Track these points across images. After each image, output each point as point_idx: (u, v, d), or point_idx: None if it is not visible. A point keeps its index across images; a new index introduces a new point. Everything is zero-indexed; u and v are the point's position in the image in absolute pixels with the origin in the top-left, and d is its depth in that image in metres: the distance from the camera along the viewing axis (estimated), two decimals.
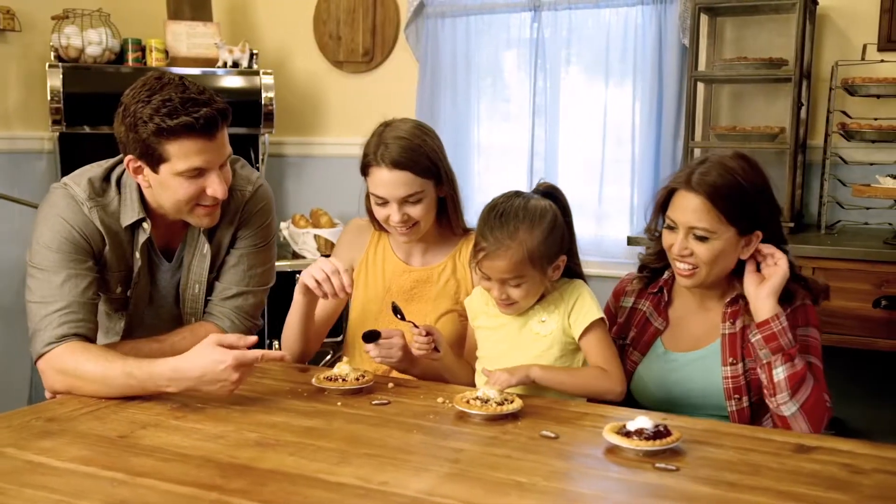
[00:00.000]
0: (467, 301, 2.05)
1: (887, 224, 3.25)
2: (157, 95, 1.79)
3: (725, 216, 1.85)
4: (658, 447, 1.49)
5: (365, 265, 2.23)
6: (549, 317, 1.90)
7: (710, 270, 1.88)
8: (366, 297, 2.20)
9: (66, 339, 1.83)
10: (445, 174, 2.08)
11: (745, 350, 1.91)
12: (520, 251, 1.81)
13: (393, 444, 1.55)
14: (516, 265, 1.81)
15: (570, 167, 3.89)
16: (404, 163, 2.00)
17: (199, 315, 2.09)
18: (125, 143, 1.85)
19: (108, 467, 1.42)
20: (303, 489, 1.35)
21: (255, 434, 1.59)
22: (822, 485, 1.39)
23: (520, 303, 1.87)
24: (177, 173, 1.83)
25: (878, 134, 3.20)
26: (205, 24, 4.10)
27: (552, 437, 1.59)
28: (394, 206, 2.03)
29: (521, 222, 1.82)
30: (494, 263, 1.82)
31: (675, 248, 1.90)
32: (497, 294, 1.86)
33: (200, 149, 1.82)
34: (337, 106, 4.39)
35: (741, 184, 1.87)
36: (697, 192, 1.86)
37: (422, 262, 2.20)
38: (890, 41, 3.32)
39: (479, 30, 4.03)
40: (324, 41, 4.34)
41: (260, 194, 2.11)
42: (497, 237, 1.82)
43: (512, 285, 1.84)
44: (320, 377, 1.88)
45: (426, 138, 2.06)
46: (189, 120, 1.78)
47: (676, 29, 3.58)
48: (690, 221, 1.87)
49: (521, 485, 1.38)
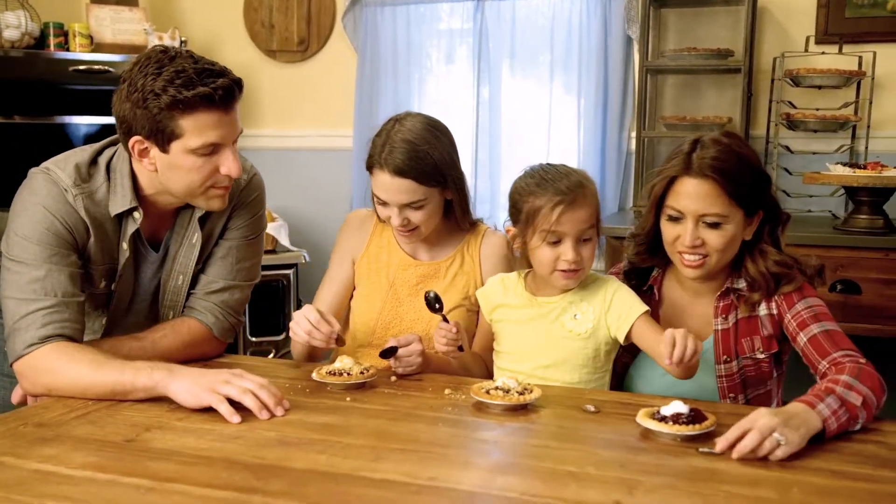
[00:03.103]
0: (481, 293, 1.95)
1: (828, 212, 3.34)
2: (169, 67, 1.65)
3: (735, 198, 1.76)
4: (698, 431, 1.46)
5: (366, 259, 2.12)
6: (582, 314, 1.83)
7: (720, 258, 1.80)
8: (369, 291, 2.09)
9: (51, 339, 1.67)
10: (452, 180, 1.98)
11: (738, 347, 1.85)
12: (594, 200, 1.79)
13: (424, 439, 1.48)
14: (593, 214, 1.79)
15: (515, 159, 3.86)
16: (407, 171, 1.89)
17: (177, 310, 1.95)
18: (131, 122, 1.70)
19: (128, 473, 1.29)
20: (349, 488, 1.26)
21: (273, 433, 1.48)
22: (869, 463, 1.38)
23: (585, 268, 1.80)
24: (190, 150, 1.70)
25: (820, 124, 3.29)
26: (130, 10, 3.91)
27: (594, 411, 1.58)
28: (394, 210, 1.94)
29: (581, 176, 1.80)
30: (576, 213, 1.76)
31: (687, 238, 1.78)
32: (572, 256, 1.76)
33: (216, 122, 1.69)
34: (270, 97, 4.25)
35: (744, 161, 1.78)
36: (704, 176, 1.76)
37: (429, 256, 2.09)
38: (827, 34, 3.42)
39: (419, 19, 3.96)
40: (255, 29, 4.19)
41: (254, 183, 1.99)
42: (570, 187, 1.76)
43: (586, 238, 1.79)
44: (322, 372, 1.78)
45: (435, 142, 1.93)
46: (207, 91, 1.65)
47: (621, 20, 3.59)
48: (700, 209, 1.76)
49: (574, 474, 1.32)
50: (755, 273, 1.82)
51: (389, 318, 2.06)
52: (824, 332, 1.74)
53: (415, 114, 2.00)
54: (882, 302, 2.83)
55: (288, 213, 4.07)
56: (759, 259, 1.82)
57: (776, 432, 1.39)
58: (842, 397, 1.51)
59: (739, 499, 1.25)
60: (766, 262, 1.81)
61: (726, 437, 1.41)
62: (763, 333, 1.84)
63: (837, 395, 1.51)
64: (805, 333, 1.75)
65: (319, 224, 4.17)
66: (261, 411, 1.55)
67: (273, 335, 3.76)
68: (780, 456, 1.39)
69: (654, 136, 3.52)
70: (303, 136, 4.20)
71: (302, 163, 4.20)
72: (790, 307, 1.81)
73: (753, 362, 1.85)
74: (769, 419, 1.40)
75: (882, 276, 2.84)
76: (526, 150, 3.87)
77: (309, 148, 4.20)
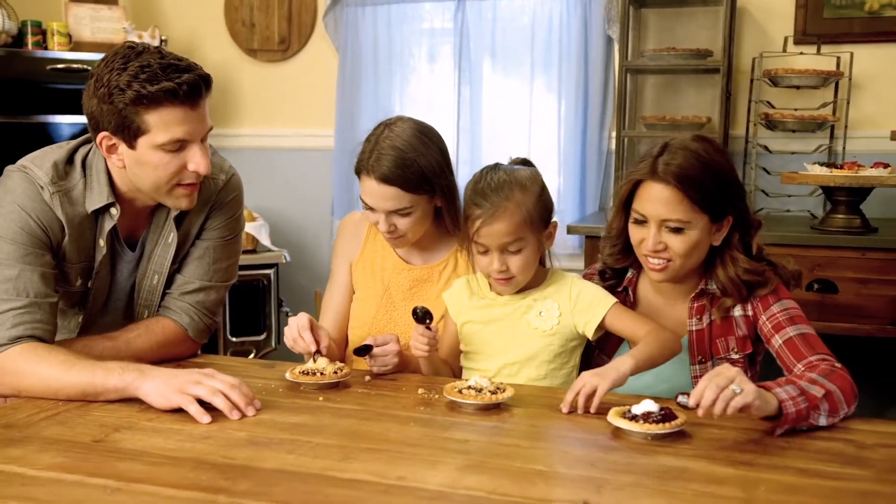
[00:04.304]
0: (447, 295, 1.95)
1: (807, 211, 3.36)
2: (134, 62, 1.65)
3: (698, 204, 1.75)
4: (668, 430, 1.47)
5: (362, 263, 2.11)
6: (547, 311, 1.84)
7: (684, 263, 1.80)
8: (364, 296, 2.09)
9: (21, 340, 1.66)
10: (441, 187, 1.96)
11: (713, 347, 1.86)
12: (518, 212, 1.77)
13: (394, 438, 1.48)
14: (516, 226, 1.76)
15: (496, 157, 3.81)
16: (394, 179, 1.89)
17: (153, 309, 1.95)
18: (98, 118, 1.69)
19: (94, 474, 1.29)
20: (318, 487, 1.26)
21: (243, 433, 1.48)
22: (836, 461, 1.39)
23: (518, 277, 1.81)
24: (156, 146, 1.69)
25: (798, 124, 3.31)
26: (109, 8, 3.88)
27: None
28: (381, 216, 1.93)
29: (514, 185, 1.78)
30: (493, 228, 1.76)
31: (649, 243, 1.78)
32: (497, 266, 1.78)
33: (182, 118, 1.68)
34: (251, 96, 4.23)
35: (710, 167, 1.77)
36: (666, 182, 1.75)
37: (422, 260, 2.09)
38: (805, 34, 3.43)
39: (400, 19, 3.95)
40: (236, 28, 4.17)
41: (233, 184, 1.98)
42: (493, 201, 1.76)
43: (512, 251, 1.78)
44: (295, 372, 1.78)
45: (423, 149, 1.92)
46: (171, 85, 1.64)
47: (601, 19, 3.60)
48: (662, 214, 1.76)
49: (542, 473, 1.33)
50: (725, 279, 1.82)
51: (384, 322, 2.05)
52: (800, 335, 1.74)
53: (405, 119, 1.99)
54: (858, 301, 2.84)
55: (269, 212, 4.06)
56: (728, 265, 1.82)
57: (734, 383, 1.44)
58: (802, 387, 1.53)
59: (706, 497, 1.25)
60: (737, 268, 1.81)
61: (695, 393, 1.46)
62: (738, 334, 1.85)
63: (798, 386, 1.54)
64: (780, 336, 1.76)
65: (300, 224, 4.16)
66: (231, 412, 1.55)
67: (254, 335, 3.74)
68: (737, 405, 1.43)
69: (634, 136, 3.53)
70: (284, 136, 4.19)
71: (283, 162, 4.19)
72: (766, 309, 1.81)
73: (728, 363, 1.85)
74: (728, 371, 1.47)
75: (859, 275, 2.85)
76: (507, 149, 3.84)
77: (290, 148, 4.19)
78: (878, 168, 2.90)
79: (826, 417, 1.54)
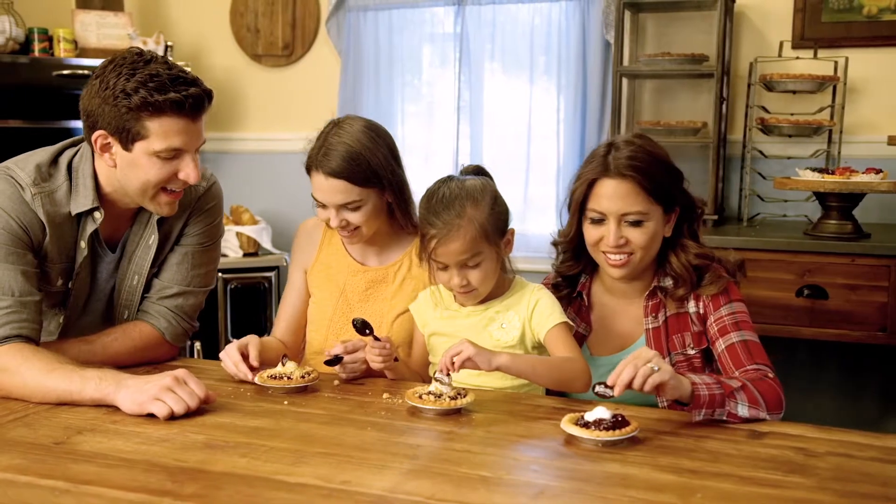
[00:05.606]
0: (413, 307, 1.98)
1: (804, 216, 3.34)
2: (143, 69, 1.71)
3: (652, 195, 1.81)
4: (618, 437, 1.49)
5: (318, 267, 2.15)
6: (508, 323, 1.86)
7: (644, 256, 1.85)
8: (320, 299, 2.13)
9: (8, 340, 1.71)
10: (389, 182, 1.99)
11: (670, 343, 1.89)
12: (471, 227, 1.78)
13: (348, 443, 1.50)
14: (471, 242, 1.78)
15: (496, 162, 3.87)
16: (342, 173, 1.92)
17: (132, 309, 1.99)
18: (97, 117, 1.75)
19: (46, 476, 1.33)
20: (262, 491, 1.29)
21: (201, 436, 1.51)
22: (781, 469, 1.40)
23: (479, 289, 1.83)
24: (152, 152, 1.75)
25: (794, 128, 3.30)
26: (115, 14, 3.95)
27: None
28: (332, 211, 1.97)
29: (465, 200, 1.80)
30: (449, 247, 1.78)
31: (610, 239, 1.82)
32: (457, 281, 1.81)
33: (182, 129, 1.75)
34: (256, 101, 4.29)
35: (656, 158, 1.83)
36: (622, 176, 1.80)
37: (378, 261, 2.12)
38: (803, 39, 3.42)
39: (401, 24, 3.99)
40: (241, 34, 4.23)
41: (213, 191, 2.04)
42: (445, 220, 1.78)
43: (470, 266, 1.80)
44: (263, 376, 1.81)
45: (371, 145, 1.96)
46: (178, 97, 1.71)
47: (599, 25, 3.61)
48: (622, 208, 1.81)
49: (486, 479, 1.35)
50: (678, 267, 1.88)
51: (340, 324, 2.08)
52: (742, 342, 1.79)
53: (354, 117, 2.03)
54: (848, 307, 2.83)
55: (271, 216, 4.11)
56: (680, 253, 1.88)
57: (651, 362, 1.52)
58: (719, 378, 1.62)
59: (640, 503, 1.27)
60: (688, 255, 1.88)
61: (613, 374, 1.54)
62: (693, 329, 1.90)
63: (715, 377, 1.62)
64: (724, 340, 1.81)
65: None
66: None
67: None
68: (654, 382, 1.51)
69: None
70: (287, 140, 4.23)
71: (286, 166, 4.19)
72: (716, 309, 1.86)
73: (685, 358, 1.89)
74: (646, 353, 1.56)
75: (849, 281, 2.84)
76: (507, 154, 3.90)
77: (293, 151, 4.21)
78: (870, 174, 2.88)
79: (747, 408, 1.59)
